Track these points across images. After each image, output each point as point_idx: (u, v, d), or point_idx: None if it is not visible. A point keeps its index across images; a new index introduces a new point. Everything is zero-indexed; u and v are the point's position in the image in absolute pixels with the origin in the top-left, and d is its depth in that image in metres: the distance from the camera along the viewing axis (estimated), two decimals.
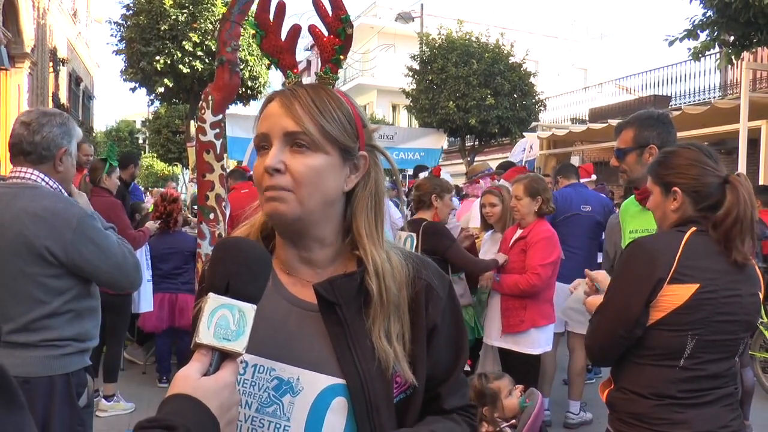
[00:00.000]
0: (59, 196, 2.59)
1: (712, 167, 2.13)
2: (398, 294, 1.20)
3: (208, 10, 13.97)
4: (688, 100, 15.76)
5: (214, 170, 4.35)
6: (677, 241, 2.07)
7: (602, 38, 36.23)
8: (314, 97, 1.18)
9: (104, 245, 2.58)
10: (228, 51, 4.32)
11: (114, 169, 5.49)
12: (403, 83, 18.24)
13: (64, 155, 2.62)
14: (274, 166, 1.15)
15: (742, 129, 8.02)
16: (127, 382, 6.00)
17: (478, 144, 17.53)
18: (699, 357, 2.06)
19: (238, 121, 11.42)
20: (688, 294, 2.01)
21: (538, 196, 4.45)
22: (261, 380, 1.17)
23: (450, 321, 1.27)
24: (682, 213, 2.16)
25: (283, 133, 1.16)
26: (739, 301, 2.07)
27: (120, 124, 40.98)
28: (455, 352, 1.29)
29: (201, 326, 0.98)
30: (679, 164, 2.19)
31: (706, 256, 2.06)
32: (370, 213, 1.24)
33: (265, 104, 1.23)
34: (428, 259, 1.32)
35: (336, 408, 1.14)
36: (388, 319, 1.18)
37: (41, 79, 14.50)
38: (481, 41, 16.78)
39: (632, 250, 2.14)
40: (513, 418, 3.25)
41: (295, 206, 1.16)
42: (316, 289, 1.17)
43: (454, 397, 1.29)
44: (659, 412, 2.09)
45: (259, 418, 1.16)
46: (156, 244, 6.08)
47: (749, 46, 8.39)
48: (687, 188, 2.14)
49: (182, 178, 24.72)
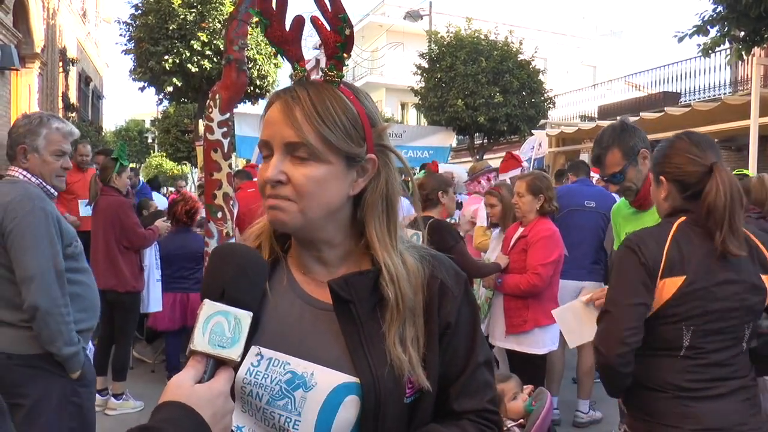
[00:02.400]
0: (26, 189, 2.78)
1: (697, 156, 2.13)
2: (413, 298, 1.19)
3: (216, 10, 14.02)
4: (698, 97, 15.64)
5: (222, 169, 4.34)
6: (665, 234, 2.08)
7: (611, 35, 36.08)
8: (317, 102, 1.14)
9: (29, 247, 2.69)
10: (235, 50, 4.32)
11: (125, 168, 5.51)
12: (411, 81, 18.25)
13: (23, 152, 2.84)
14: (274, 179, 1.14)
15: (753, 125, 7.94)
16: (136, 380, 6.02)
17: (487, 142, 17.50)
18: (700, 347, 2.03)
19: (246, 120, 11.45)
20: (676, 286, 2.01)
21: (541, 194, 4.40)
22: (274, 373, 1.16)
23: (465, 320, 1.25)
24: (671, 202, 2.20)
25: (283, 144, 1.15)
26: (733, 287, 2.03)
27: (129, 123, 41.13)
28: (469, 351, 1.25)
29: (196, 333, 0.98)
30: (666, 154, 2.22)
31: (693, 246, 2.05)
32: (382, 216, 1.21)
33: (268, 106, 1.21)
34: (444, 257, 1.29)
35: (348, 406, 1.13)
36: (403, 324, 1.17)
37: (51, 79, 14.57)
38: (489, 39, 16.76)
39: (624, 249, 2.15)
40: (518, 420, 3.19)
41: (296, 216, 1.16)
42: (331, 287, 1.16)
43: (467, 398, 1.23)
44: (668, 405, 2.05)
45: (270, 411, 1.15)
46: (167, 244, 6.10)
47: (760, 41, 8.31)
48: (671, 177, 2.18)
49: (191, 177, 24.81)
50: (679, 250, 2.04)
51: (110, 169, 5.40)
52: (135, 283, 5.33)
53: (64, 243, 2.82)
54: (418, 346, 1.17)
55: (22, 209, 2.70)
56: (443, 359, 1.21)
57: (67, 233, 2.86)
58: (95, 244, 5.34)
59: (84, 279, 2.95)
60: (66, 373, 2.74)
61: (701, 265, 2.03)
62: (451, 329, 1.22)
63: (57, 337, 2.67)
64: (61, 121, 2.98)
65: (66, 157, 2.96)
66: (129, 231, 5.27)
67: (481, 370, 1.26)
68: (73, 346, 2.73)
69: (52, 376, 2.71)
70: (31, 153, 2.86)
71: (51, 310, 2.66)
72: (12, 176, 2.87)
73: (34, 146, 2.86)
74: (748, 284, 2.06)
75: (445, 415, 1.24)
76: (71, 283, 2.83)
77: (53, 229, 2.75)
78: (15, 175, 2.87)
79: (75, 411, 2.78)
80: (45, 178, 2.89)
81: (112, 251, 5.24)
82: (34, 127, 2.88)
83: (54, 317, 2.67)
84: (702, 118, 9.34)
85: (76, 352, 2.74)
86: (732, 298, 2.03)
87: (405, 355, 1.14)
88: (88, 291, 2.95)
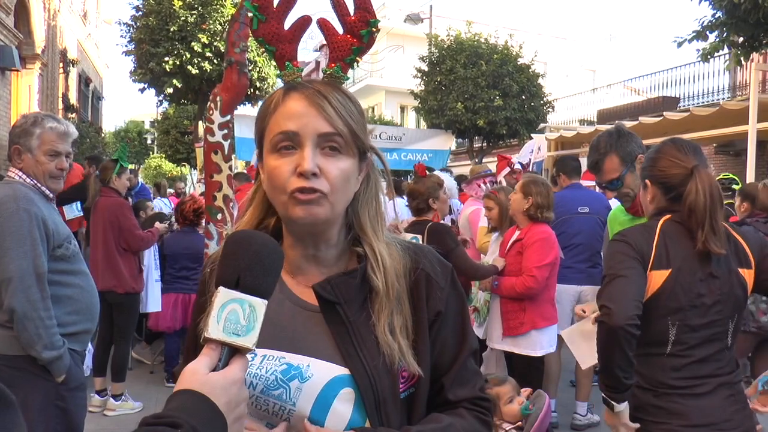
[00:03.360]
0: (14, 190, 2.76)
1: (680, 159, 2.21)
2: (399, 286, 1.20)
3: (217, 11, 14.03)
4: (696, 102, 15.67)
5: (222, 171, 4.36)
6: (653, 230, 2.17)
7: (611, 39, 36.15)
8: (340, 97, 1.16)
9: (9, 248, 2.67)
10: (237, 52, 4.34)
11: (124, 170, 5.51)
12: (411, 84, 18.24)
13: (17, 153, 2.85)
14: (312, 170, 1.12)
15: (751, 130, 7.96)
16: (135, 381, 6.02)
17: (486, 145, 17.50)
18: (685, 342, 2.10)
19: (247, 122, 11.43)
20: (662, 279, 2.09)
21: (530, 196, 4.44)
22: (269, 365, 1.16)
23: (453, 309, 1.26)
24: (657, 203, 2.28)
25: (317, 135, 1.14)
26: (716, 282, 2.11)
27: (129, 124, 41.10)
28: (459, 341, 1.26)
29: (210, 321, 0.96)
30: (652, 158, 2.31)
31: (677, 242, 2.14)
32: (372, 211, 1.24)
33: (280, 99, 1.18)
34: (427, 247, 1.30)
35: (343, 398, 1.13)
36: (392, 312, 1.18)
37: (51, 80, 14.57)
38: (489, 42, 16.76)
39: (616, 242, 2.23)
40: (515, 423, 3.19)
41: (328, 209, 1.15)
42: (316, 290, 1.17)
43: (460, 387, 1.25)
44: (657, 401, 2.12)
45: (264, 399, 1.15)
46: (171, 245, 6.12)
47: (758, 47, 8.35)
48: (655, 180, 2.27)
49: (190, 179, 24.79)
50: (665, 245, 2.13)
51: (110, 170, 5.40)
52: (134, 284, 5.34)
53: (53, 245, 2.77)
54: (407, 334, 1.18)
55: (6, 211, 2.68)
56: (434, 349, 1.22)
57: (58, 235, 2.80)
58: (94, 244, 5.35)
59: (78, 281, 2.89)
60: (51, 376, 2.70)
61: (685, 260, 2.11)
62: (440, 319, 1.23)
63: (35, 341, 2.63)
64: (56, 121, 2.92)
65: (61, 157, 2.89)
66: (127, 233, 5.27)
67: (471, 359, 1.28)
68: (55, 350, 2.67)
69: (36, 378, 2.68)
70: (24, 153, 2.84)
71: (28, 314, 2.62)
72: (10, 177, 2.87)
73: (28, 146, 2.84)
74: (731, 279, 2.14)
75: (440, 404, 1.24)
76: (62, 286, 2.79)
77: (37, 231, 2.70)
78: (11, 176, 2.86)
79: (59, 414, 2.74)
80: (39, 178, 2.86)
81: (111, 252, 5.24)
82: (28, 126, 2.86)
83: (32, 321, 2.63)
84: (701, 123, 9.36)
85: (58, 357, 2.68)
86: (715, 292, 2.11)
87: (395, 343, 1.15)
88: (82, 293, 2.89)
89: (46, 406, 2.70)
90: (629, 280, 2.09)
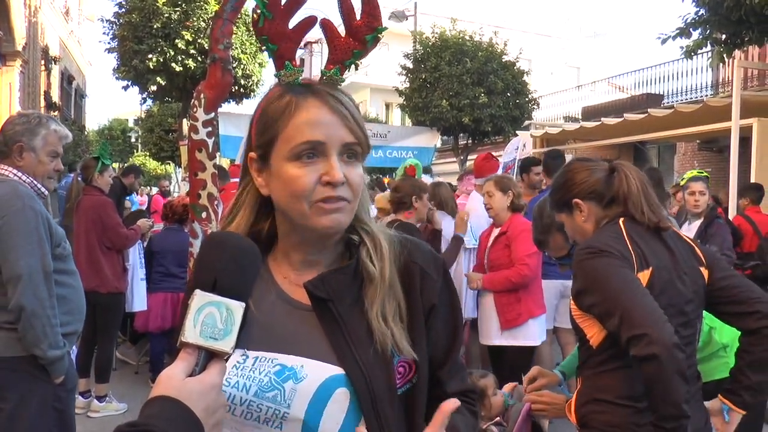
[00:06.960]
0: (15, 188, 2.73)
1: (594, 166, 2.18)
2: (390, 272, 1.21)
3: (201, 8, 13.96)
4: (680, 98, 15.78)
5: (207, 168, 4.32)
6: (618, 234, 2.05)
7: (595, 37, 36.30)
8: (352, 102, 1.19)
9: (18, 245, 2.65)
10: (220, 49, 4.29)
11: (106, 167, 5.47)
12: (396, 82, 18.23)
13: (20, 150, 2.81)
14: (342, 180, 1.14)
15: (734, 127, 8.04)
16: (119, 382, 5.98)
17: (471, 143, 17.54)
18: None
19: (231, 120, 11.40)
20: (645, 281, 1.96)
21: (509, 190, 4.56)
22: (262, 366, 1.14)
23: (446, 302, 1.27)
24: (594, 218, 2.17)
25: (341, 144, 1.15)
26: (687, 278, 2.05)
27: (112, 122, 40.84)
28: (452, 334, 1.27)
29: (187, 324, 0.94)
30: (566, 180, 2.22)
31: (644, 240, 2.05)
32: (363, 199, 1.25)
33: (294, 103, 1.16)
34: (420, 241, 1.32)
35: (338, 398, 1.12)
36: (384, 299, 1.18)
37: (33, 78, 14.41)
38: (474, 40, 16.79)
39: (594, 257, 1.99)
40: (497, 416, 3.28)
41: (350, 216, 1.18)
42: (307, 288, 1.17)
43: (454, 381, 1.27)
44: (639, 419, 1.93)
45: (257, 403, 1.13)
46: (159, 243, 6.07)
47: (741, 44, 8.42)
48: (583, 195, 2.17)
49: (175, 177, 24.64)
50: (637, 244, 2.02)
51: (92, 169, 5.36)
52: (117, 283, 5.29)
53: (53, 243, 2.78)
54: (400, 320, 1.19)
55: (12, 207, 2.66)
56: (429, 342, 1.23)
57: (57, 234, 2.82)
58: (77, 244, 5.29)
59: (71, 281, 2.90)
60: (48, 377, 2.69)
61: (660, 258, 2.03)
62: (435, 311, 1.24)
63: (42, 339, 2.62)
64: (58, 124, 2.99)
65: (59, 159, 2.95)
66: (111, 231, 5.23)
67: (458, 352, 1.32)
68: (58, 349, 2.68)
69: (34, 379, 2.66)
70: (27, 152, 2.82)
71: (37, 312, 2.61)
72: (2, 174, 2.82)
73: (32, 145, 2.83)
74: (696, 277, 2.08)
75: (435, 398, 1.23)
76: (58, 285, 2.78)
77: (42, 228, 2.71)
78: (4, 173, 2.81)
79: (56, 416, 2.73)
80: (37, 177, 2.87)
81: (94, 251, 5.19)
82: (33, 126, 2.85)
83: (40, 319, 2.62)
84: (684, 120, 9.43)
85: (60, 356, 2.69)
86: (689, 288, 2.04)
87: (387, 330, 1.15)
88: (74, 294, 2.90)
89: (45, 408, 2.68)
90: (642, 294, 1.87)
